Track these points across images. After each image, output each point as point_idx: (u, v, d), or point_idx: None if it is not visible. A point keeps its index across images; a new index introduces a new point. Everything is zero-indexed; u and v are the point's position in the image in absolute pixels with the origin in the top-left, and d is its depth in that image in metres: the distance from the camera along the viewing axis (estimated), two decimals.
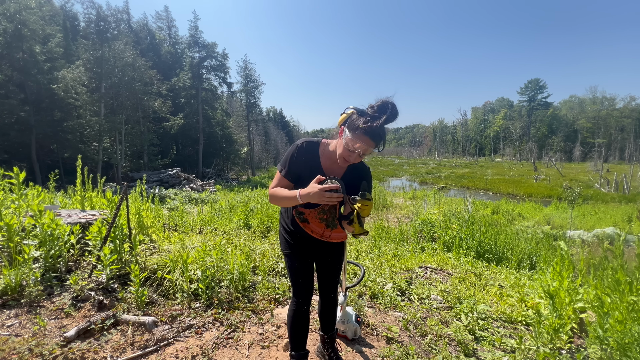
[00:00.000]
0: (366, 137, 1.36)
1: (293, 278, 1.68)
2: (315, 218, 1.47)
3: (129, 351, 1.96)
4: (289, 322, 1.70)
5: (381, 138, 1.40)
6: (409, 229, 7.22)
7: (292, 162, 1.52)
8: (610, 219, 13.04)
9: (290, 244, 1.67)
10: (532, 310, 2.75)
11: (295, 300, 1.68)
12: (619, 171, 32.55)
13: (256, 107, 45.99)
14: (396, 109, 1.37)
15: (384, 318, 2.59)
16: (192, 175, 24.45)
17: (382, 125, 1.37)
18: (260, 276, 3.05)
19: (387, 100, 1.37)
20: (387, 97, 1.38)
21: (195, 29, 33.32)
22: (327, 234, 1.49)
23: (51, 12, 26.33)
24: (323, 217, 1.48)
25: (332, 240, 1.50)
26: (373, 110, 1.38)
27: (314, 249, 1.69)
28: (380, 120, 1.35)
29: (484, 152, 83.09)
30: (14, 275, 2.34)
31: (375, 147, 1.42)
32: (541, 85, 76.73)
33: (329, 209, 1.48)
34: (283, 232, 1.71)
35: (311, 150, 1.54)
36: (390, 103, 1.37)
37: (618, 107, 66.58)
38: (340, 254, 1.81)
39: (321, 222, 1.48)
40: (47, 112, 21.08)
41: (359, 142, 1.37)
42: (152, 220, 4.14)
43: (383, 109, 1.36)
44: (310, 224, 1.48)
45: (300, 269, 1.67)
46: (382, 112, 1.36)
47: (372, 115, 1.37)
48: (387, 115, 1.35)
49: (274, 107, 77.32)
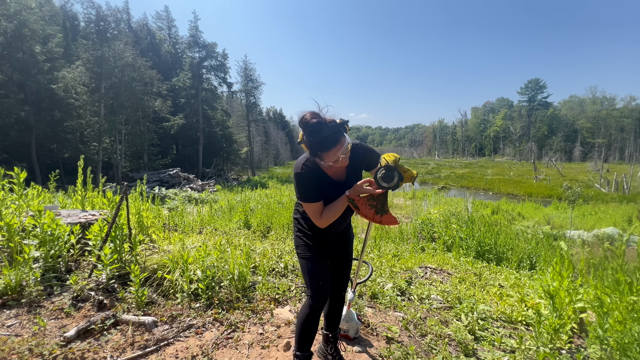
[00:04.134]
0: (328, 151, 1.44)
1: (312, 281, 1.67)
2: (365, 205, 1.55)
3: (129, 351, 1.96)
4: (300, 323, 1.69)
5: (334, 135, 1.44)
6: (409, 229, 7.22)
7: (313, 187, 1.58)
8: (610, 219, 13.03)
9: (310, 245, 1.70)
10: (532, 310, 2.75)
11: (312, 304, 1.66)
12: (619, 171, 32.54)
13: (256, 107, 45.97)
14: (314, 117, 1.44)
15: (384, 318, 2.59)
16: (192, 175, 24.44)
17: (319, 137, 1.42)
18: (260, 276, 3.05)
19: (303, 120, 1.44)
20: (300, 116, 1.47)
21: (195, 29, 33.31)
22: (378, 219, 1.57)
23: (51, 12, 26.34)
24: (373, 204, 1.56)
25: (384, 224, 1.59)
26: (304, 133, 1.46)
27: (331, 247, 1.76)
28: (314, 138, 1.42)
29: (484, 152, 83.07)
30: (14, 275, 2.34)
31: (343, 143, 1.46)
32: (541, 85, 76.73)
33: (378, 197, 1.55)
34: (301, 235, 1.73)
35: (313, 168, 1.59)
36: (307, 118, 1.44)
37: (618, 107, 66.55)
38: (352, 251, 1.89)
39: (371, 208, 1.56)
40: (47, 112, 21.09)
41: (328, 158, 1.45)
42: (152, 220, 4.14)
43: (306, 130, 1.44)
44: (361, 209, 1.56)
45: (320, 271, 1.68)
46: (308, 135, 1.44)
47: (307, 139, 1.45)
48: (310, 134, 1.43)
49: (274, 107, 77.36)
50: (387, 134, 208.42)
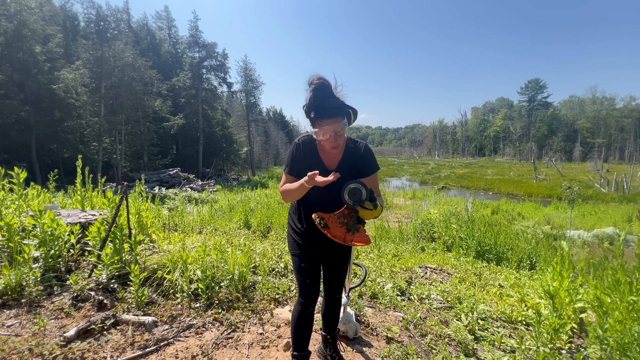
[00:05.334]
0: (321, 121, 1.42)
1: (300, 278, 1.67)
2: (335, 223, 1.46)
3: (129, 351, 1.96)
4: (293, 322, 1.69)
5: (333, 110, 1.42)
6: (409, 229, 7.22)
7: (293, 160, 1.59)
8: (610, 219, 13.03)
9: (300, 244, 1.68)
10: (532, 310, 2.75)
11: (301, 301, 1.67)
12: (619, 171, 32.54)
13: (256, 107, 45.96)
14: (321, 80, 1.41)
15: (384, 318, 2.59)
16: (192, 175, 24.43)
17: (319, 102, 1.40)
18: (260, 276, 3.05)
19: (310, 80, 1.42)
20: (310, 76, 1.43)
21: (195, 29, 33.29)
22: (349, 238, 1.47)
23: (51, 12, 26.34)
24: (344, 222, 1.47)
25: (355, 244, 1.48)
26: (309, 90, 1.43)
27: (323, 249, 1.70)
28: (312, 101, 1.40)
29: (484, 152, 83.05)
30: (14, 275, 2.34)
31: (339, 121, 1.42)
32: (541, 85, 76.70)
33: (349, 214, 1.46)
34: (292, 232, 1.72)
35: (309, 145, 1.58)
36: (315, 78, 1.41)
37: (618, 107, 66.49)
38: (347, 255, 1.80)
39: (342, 226, 1.47)
40: (47, 112, 21.09)
41: (321, 129, 1.42)
42: (152, 220, 4.14)
43: (310, 89, 1.42)
44: (331, 228, 1.47)
45: (308, 269, 1.66)
46: (310, 93, 1.41)
47: (308, 102, 1.43)
48: (313, 93, 1.40)
49: (274, 107, 77.32)
50: (387, 134, 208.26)
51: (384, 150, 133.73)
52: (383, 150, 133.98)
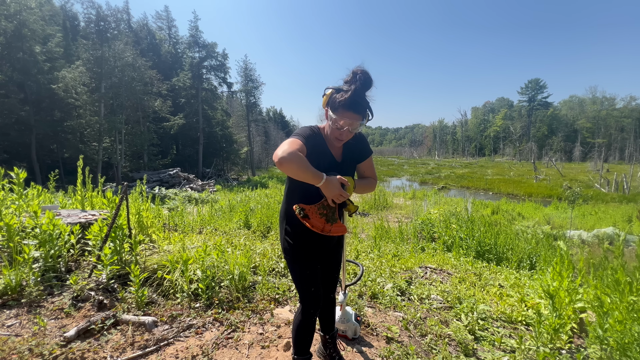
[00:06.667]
0: (348, 112, 1.40)
1: (304, 287, 1.61)
2: (315, 213, 1.50)
3: (129, 351, 1.96)
4: (295, 328, 1.66)
5: (363, 107, 1.42)
6: (409, 229, 7.21)
7: (308, 138, 1.46)
8: (610, 219, 13.04)
9: (300, 249, 1.60)
10: (532, 310, 2.75)
11: (305, 310, 1.62)
12: (619, 171, 32.55)
13: (256, 107, 45.97)
14: (367, 74, 1.39)
15: (384, 318, 2.59)
16: (192, 175, 24.42)
17: (357, 94, 1.39)
18: (260, 276, 3.05)
19: (357, 70, 1.40)
20: (356, 67, 1.41)
21: (195, 29, 33.31)
22: (328, 229, 1.52)
23: (51, 12, 26.36)
24: (323, 213, 1.51)
25: (333, 234, 1.52)
26: (347, 83, 1.41)
27: (318, 250, 1.66)
28: (352, 91, 1.38)
29: (484, 152, 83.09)
30: (14, 275, 2.34)
31: (361, 119, 1.43)
32: (541, 85, 76.76)
33: (328, 205, 1.51)
34: (288, 238, 1.61)
35: (319, 135, 1.55)
36: (361, 71, 1.39)
37: (618, 107, 66.59)
38: (340, 254, 1.80)
39: (321, 217, 1.51)
40: (47, 112, 21.11)
41: (342, 119, 1.40)
42: (152, 220, 4.14)
43: (354, 79, 1.39)
44: (311, 219, 1.50)
45: (311, 276, 1.61)
46: (352, 83, 1.39)
47: (346, 89, 1.40)
48: (357, 84, 1.38)
49: (274, 107, 77.37)
50: (387, 134, 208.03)
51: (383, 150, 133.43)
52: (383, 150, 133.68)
